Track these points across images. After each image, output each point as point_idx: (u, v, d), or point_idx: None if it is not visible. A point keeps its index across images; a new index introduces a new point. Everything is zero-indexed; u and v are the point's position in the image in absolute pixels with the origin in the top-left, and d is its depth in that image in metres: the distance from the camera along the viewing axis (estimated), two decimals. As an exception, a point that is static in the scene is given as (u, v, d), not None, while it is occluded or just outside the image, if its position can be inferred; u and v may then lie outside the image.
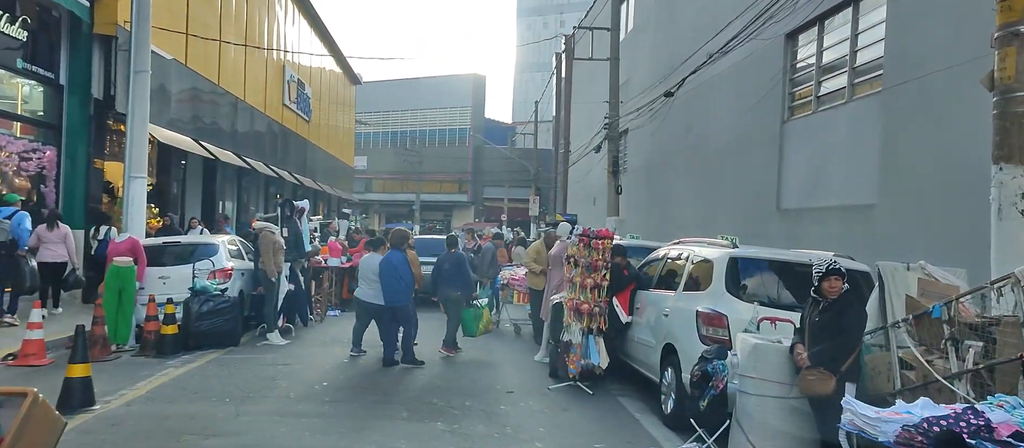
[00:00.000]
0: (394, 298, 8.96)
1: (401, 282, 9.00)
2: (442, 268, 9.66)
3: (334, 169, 38.12)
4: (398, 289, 8.98)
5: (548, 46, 75.23)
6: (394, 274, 9.01)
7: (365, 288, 9.25)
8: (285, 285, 10.57)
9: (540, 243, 10.67)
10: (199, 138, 17.83)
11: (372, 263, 9.34)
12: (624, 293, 7.86)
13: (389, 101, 58.30)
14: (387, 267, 9.02)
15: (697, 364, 5.44)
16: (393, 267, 9.03)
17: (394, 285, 8.96)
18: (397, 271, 9.03)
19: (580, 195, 32.77)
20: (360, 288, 9.40)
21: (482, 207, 57.72)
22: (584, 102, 31.84)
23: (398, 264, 9.07)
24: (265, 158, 23.73)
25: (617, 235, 10.01)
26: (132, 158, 12.67)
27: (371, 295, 9.11)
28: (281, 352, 9.47)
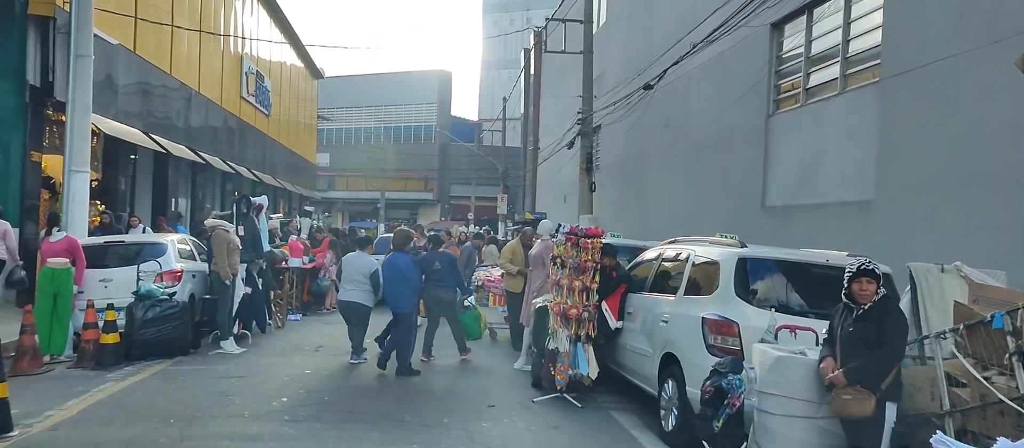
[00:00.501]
0: (399, 303, 8.41)
1: (408, 286, 8.46)
2: (432, 268, 8.94)
3: (295, 166, 36.90)
4: (404, 294, 8.43)
5: (514, 43, 74.62)
6: (400, 277, 8.44)
7: (351, 289, 8.69)
8: (241, 288, 9.72)
9: (516, 242, 10.01)
10: (149, 131, 16.72)
11: (359, 263, 8.80)
12: (614, 296, 7.24)
13: (353, 97, 57.01)
14: (392, 270, 8.48)
15: (709, 378, 4.83)
16: (400, 270, 8.45)
17: (400, 289, 8.43)
18: (405, 275, 8.44)
19: (550, 193, 32.22)
20: (344, 289, 8.80)
21: (448, 205, 56.84)
22: (554, 98, 31.30)
23: (405, 267, 8.48)
24: (222, 153, 22.60)
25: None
26: (73, 150, 11.63)
27: (359, 296, 8.62)
28: (236, 362, 8.64)
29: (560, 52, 20.43)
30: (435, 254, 9.25)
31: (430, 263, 9.04)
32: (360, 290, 8.66)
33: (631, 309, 7.10)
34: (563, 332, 7.08)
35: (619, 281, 7.31)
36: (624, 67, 19.88)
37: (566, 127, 25.18)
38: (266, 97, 28.24)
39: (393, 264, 8.56)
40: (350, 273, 8.77)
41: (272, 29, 29.39)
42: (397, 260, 8.58)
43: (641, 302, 6.92)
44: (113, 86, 15.15)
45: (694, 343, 5.49)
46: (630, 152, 20.11)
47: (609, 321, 7.15)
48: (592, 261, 7.06)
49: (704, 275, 5.89)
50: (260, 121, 27.87)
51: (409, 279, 8.52)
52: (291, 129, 35.04)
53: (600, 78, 20.51)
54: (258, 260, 10.35)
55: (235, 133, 24.50)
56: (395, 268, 8.52)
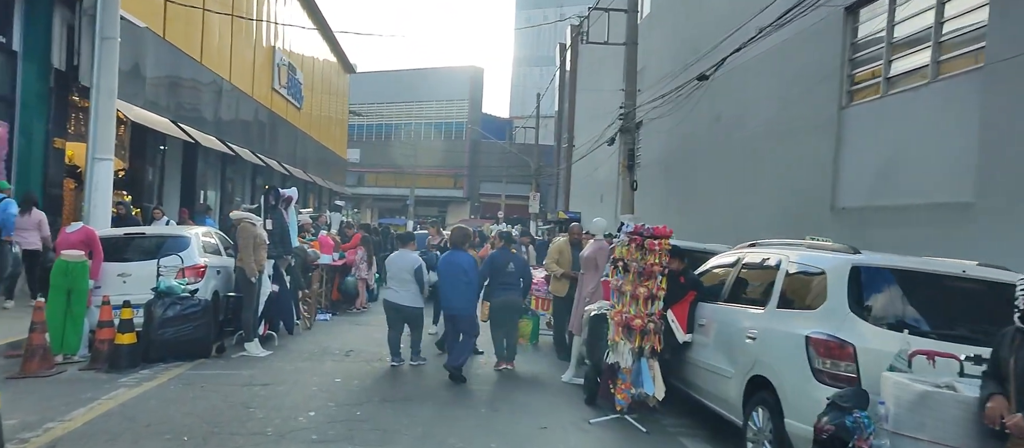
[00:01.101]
0: (460, 305, 8.02)
1: (469, 287, 8.01)
2: (504, 270, 8.30)
3: (326, 160, 36.50)
4: (465, 295, 8.01)
5: (547, 39, 73.64)
6: (463, 278, 7.97)
7: (399, 290, 8.29)
8: (267, 286, 9.03)
9: (564, 242, 9.17)
10: (178, 120, 16.23)
11: (404, 262, 8.34)
12: (681, 305, 6.37)
13: (384, 93, 56.63)
14: (452, 268, 8.03)
15: (826, 414, 3.95)
16: (461, 270, 8.00)
17: (461, 291, 7.99)
18: (467, 275, 7.99)
19: (583, 192, 31.30)
20: (392, 291, 8.37)
21: (478, 203, 56.21)
22: (591, 93, 30.38)
23: (468, 267, 8.05)
24: (252, 145, 22.13)
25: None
26: (97, 136, 11.15)
27: (409, 298, 8.26)
28: (260, 366, 7.94)
29: (602, 44, 19.52)
30: (507, 254, 8.53)
31: (502, 265, 8.35)
32: (408, 291, 8.27)
33: (703, 320, 6.23)
34: (625, 345, 6.23)
35: (688, 288, 6.44)
36: (669, 60, 18.90)
37: (603, 124, 24.25)
38: (298, 90, 27.78)
39: (452, 262, 8.08)
40: (396, 272, 8.35)
41: (305, 19, 28.92)
42: (457, 259, 8.11)
43: (717, 313, 6.03)
44: (141, 74, 14.65)
45: (794, 367, 4.61)
46: (674, 149, 19.14)
47: (676, 333, 6.28)
48: (659, 265, 6.21)
49: (804, 285, 5.00)
50: (291, 114, 27.41)
51: (470, 280, 8.01)
52: (322, 123, 34.62)
53: (642, 72, 19.53)
54: (286, 256, 9.67)
55: (266, 126, 24.03)
56: (455, 266, 8.03)
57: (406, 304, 8.26)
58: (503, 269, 8.36)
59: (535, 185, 37.94)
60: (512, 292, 8.38)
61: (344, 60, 38.82)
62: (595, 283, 7.95)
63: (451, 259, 8.18)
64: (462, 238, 8.45)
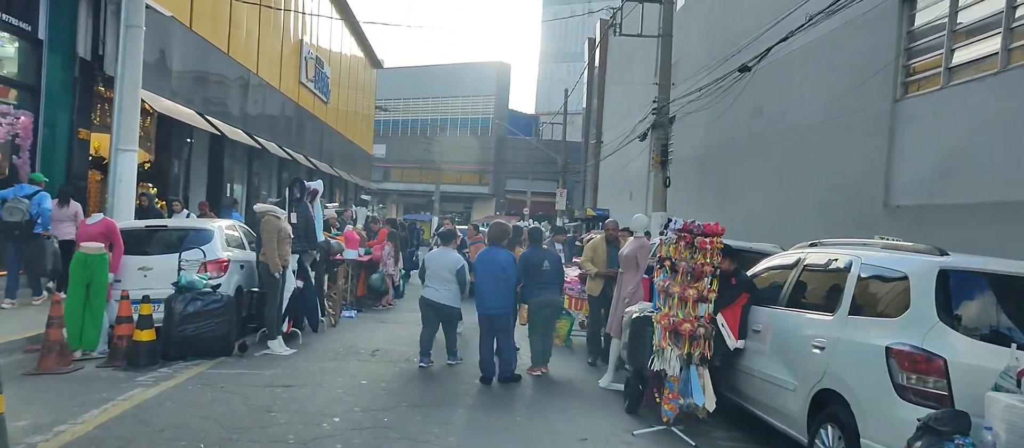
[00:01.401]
0: (498, 304, 7.62)
1: (506, 285, 7.65)
2: (540, 268, 7.85)
3: (352, 155, 36.38)
4: (501, 293, 7.63)
5: (574, 35, 73.03)
6: (501, 275, 7.60)
7: (438, 288, 7.92)
8: (292, 282, 8.71)
9: (600, 240, 8.70)
10: (205, 112, 16.05)
11: (446, 260, 7.96)
12: (733, 309, 5.88)
13: (410, 88, 56.52)
14: (490, 266, 7.65)
15: (919, 438, 3.46)
16: (499, 267, 7.62)
17: (499, 289, 7.62)
18: (506, 272, 7.63)
19: (612, 189, 30.74)
20: (429, 288, 7.98)
21: (504, 200, 55.85)
22: (621, 88, 29.80)
23: (506, 264, 7.67)
24: (279, 139, 21.97)
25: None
26: (121, 126, 10.91)
27: (448, 297, 7.90)
28: (284, 366, 7.61)
29: (635, 36, 18.94)
30: (541, 252, 8.09)
31: (537, 263, 7.89)
32: (448, 290, 7.90)
33: (758, 326, 5.73)
34: (672, 351, 5.76)
35: (740, 290, 5.94)
36: (705, 52, 18.32)
37: (634, 119, 23.69)
38: (325, 84, 27.61)
39: (490, 260, 7.69)
40: (436, 270, 7.96)
41: (332, 12, 28.75)
42: (495, 256, 7.72)
43: (775, 319, 5.54)
44: (168, 65, 14.47)
45: (873, 381, 4.11)
46: (710, 144, 18.55)
47: (727, 339, 5.80)
48: (710, 265, 5.73)
49: (882, 291, 4.49)
50: (318, 108, 27.25)
51: (508, 278, 7.64)
52: (349, 118, 34.48)
53: (676, 66, 18.94)
54: (311, 251, 9.34)
55: (293, 119, 23.87)
56: (492, 264, 7.63)
57: (445, 303, 7.88)
58: (538, 268, 7.91)
59: (562, 182, 37.45)
60: (550, 291, 7.94)
61: (371, 55, 38.66)
62: (635, 283, 7.49)
63: (489, 256, 7.77)
64: (500, 234, 8.01)
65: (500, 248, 7.89)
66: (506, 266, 7.66)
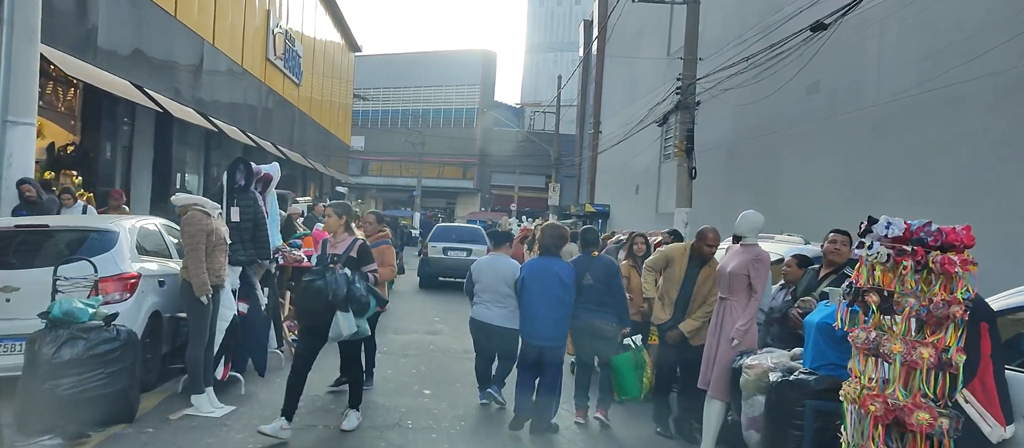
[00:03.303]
0: (552, 333, 5.74)
1: (562, 308, 5.75)
2: (582, 283, 5.95)
3: (328, 146, 33.52)
4: (555, 318, 5.73)
5: (562, 24, 70.60)
6: (559, 294, 5.71)
7: (493, 307, 6.09)
8: (230, 306, 6.03)
9: (680, 249, 6.07)
10: (144, 85, 13.23)
11: (501, 269, 6.13)
12: (983, 372, 3.35)
13: (391, 76, 53.65)
14: (546, 281, 5.73)
15: None
16: (560, 283, 5.73)
17: (549, 311, 5.70)
18: (567, 289, 5.75)
19: (613, 183, 28.27)
20: (480, 305, 6.17)
21: (489, 195, 53.27)
22: (623, 72, 27.29)
23: (567, 279, 5.76)
24: (242, 123, 19.14)
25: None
26: (12, 91, 8.19)
27: (502, 316, 6.04)
28: (213, 441, 4.96)
29: (655, 1, 16.38)
30: (590, 260, 6.17)
31: (578, 275, 5.94)
32: (505, 308, 6.05)
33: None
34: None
35: (989, 341, 3.40)
36: (736, 22, 15.89)
37: (642, 104, 21.22)
38: (297, 64, 24.78)
39: (545, 273, 5.78)
40: (490, 283, 6.13)
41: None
42: (552, 268, 5.81)
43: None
44: (93, 23, 11.67)
45: None
46: (741, 130, 16.10)
47: (982, 425, 3.28)
48: (961, 304, 3.18)
49: None
50: (289, 91, 24.41)
51: (565, 298, 5.76)
52: (324, 105, 31.63)
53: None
54: (262, 262, 6.67)
55: (259, 102, 21.03)
56: (548, 279, 5.74)
57: (503, 325, 6.03)
58: (580, 281, 5.92)
59: (554, 176, 34.93)
60: (598, 314, 5.92)
61: (349, 38, 35.80)
62: (749, 316, 4.94)
63: (543, 268, 5.84)
64: (557, 239, 5.97)
65: (556, 258, 5.90)
66: (567, 282, 5.75)
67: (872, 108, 10.67)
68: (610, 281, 6.03)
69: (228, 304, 6.03)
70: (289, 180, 27.89)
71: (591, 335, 5.99)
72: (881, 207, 10.02)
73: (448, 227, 18.92)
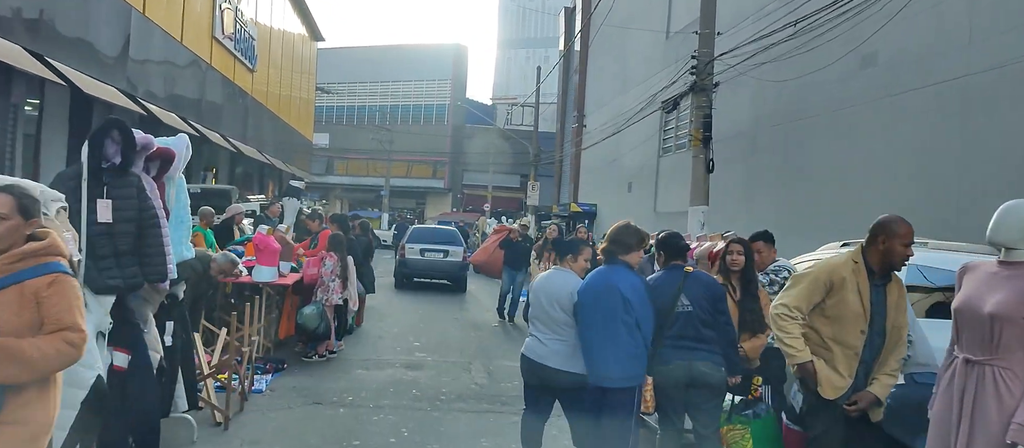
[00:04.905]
0: (618, 369, 3.89)
1: (632, 337, 3.88)
2: (674, 311, 4.01)
3: (288, 142, 30.83)
4: (630, 353, 3.90)
5: (533, 20, 68.47)
6: (626, 312, 3.90)
7: (544, 338, 4.28)
8: (90, 364, 3.62)
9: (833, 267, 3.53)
10: (47, 53, 10.64)
11: (555, 286, 4.33)
12: None
13: (357, 71, 50.92)
14: (607, 299, 3.97)
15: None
16: (626, 302, 3.92)
17: (624, 343, 3.90)
18: (634, 310, 3.91)
19: (600, 181, 26.17)
20: (532, 338, 4.40)
21: (461, 195, 50.89)
22: (611, 61, 25.21)
23: (635, 300, 3.92)
24: (183, 109, 16.50)
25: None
26: None
27: (559, 353, 4.18)
28: None
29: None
30: (683, 277, 4.12)
31: (667, 298, 4.05)
32: (563, 342, 4.22)
33: None
34: None
35: None
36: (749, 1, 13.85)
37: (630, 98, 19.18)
38: (250, 48, 22.13)
39: (605, 288, 4.01)
40: (542, 306, 4.34)
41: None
42: (615, 281, 4.00)
43: None
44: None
45: None
46: (764, 116, 14.07)
47: None
48: None
49: None
50: (242, 77, 21.75)
51: (630, 322, 3.91)
52: (283, 98, 28.92)
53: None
54: (159, 285, 4.26)
55: (203, 85, 18.36)
56: (609, 296, 3.95)
57: (562, 368, 4.18)
58: (669, 308, 4.01)
59: (533, 174, 32.70)
60: (700, 354, 3.96)
61: (311, 25, 33.09)
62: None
63: (603, 282, 4.07)
64: (628, 241, 4.13)
65: (623, 266, 4.09)
66: (637, 302, 3.93)
67: (953, 82, 8.66)
68: (715, 307, 4.01)
69: (89, 360, 3.63)
70: (244, 178, 25.21)
71: (688, 385, 3.93)
72: (975, 203, 8.04)
73: (425, 229, 18.71)
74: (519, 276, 11.19)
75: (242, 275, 7.34)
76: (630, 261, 4.04)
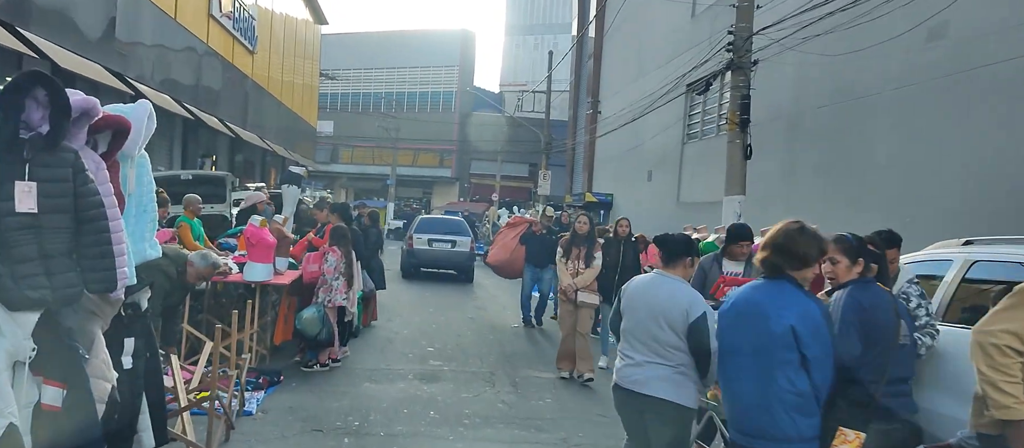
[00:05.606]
0: (764, 418, 2.69)
1: (797, 384, 2.65)
2: (893, 340, 2.84)
3: (292, 129, 29.80)
4: (791, 401, 2.64)
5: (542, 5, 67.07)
6: (788, 348, 2.67)
7: (643, 361, 3.33)
8: (3, 411, 2.61)
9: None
10: (24, 25, 9.63)
11: (660, 297, 3.36)
12: None
13: (362, 57, 49.76)
14: (768, 328, 2.70)
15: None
16: (788, 331, 2.66)
17: (779, 390, 2.67)
18: (805, 345, 2.63)
19: (616, 169, 25.04)
20: (626, 361, 3.44)
21: (468, 184, 49.80)
22: (627, 45, 24.05)
23: (808, 330, 2.64)
24: (176, 91, 15.49)
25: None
26: None
27: (665, 380, 3.25)
28: None
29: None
30: (876, 295, 2.98)
31: (883, 325, 2.90)
32: (665, 364, 3.29)
33: None
34: None
35: None
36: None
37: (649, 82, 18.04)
38: (250, 28, 21.07)
39: (767, 314, 2.75)
40: (640, 320, 3.39)
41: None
42: (782, 306, 2.74)
43: None
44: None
45: None
46: (807, 98, 12.96)
47: None
48: None
49: None
50: (241, 59, 20.71)
51: (793, 361, 2.69)
52: (286, 83, 27.86)
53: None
54: (111, 297, 3.22)
55: (200, 67, 17.32)
56: (771, 324, 2.73)
57: (665, 397, 3.27)
58: (891, 340, 2.94)
59: (545, 162, 31.60)
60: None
61: (315, 8, 31.99)
62: None
63: (765, 301, 2.82)
64: (808, 254, 2.82)
65: (790, 284, 2.82)
66: (806, 332, 2.68)
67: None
68: (888, 315, 2.98)
69: (4, 401, 2.62)
70: (245, 165, 24.21)
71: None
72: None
73: (432, 219, 18.57)
74: (545, 274, 9.99)
75: (231, 273, 6.35)
76: (803, 278, 2.82)
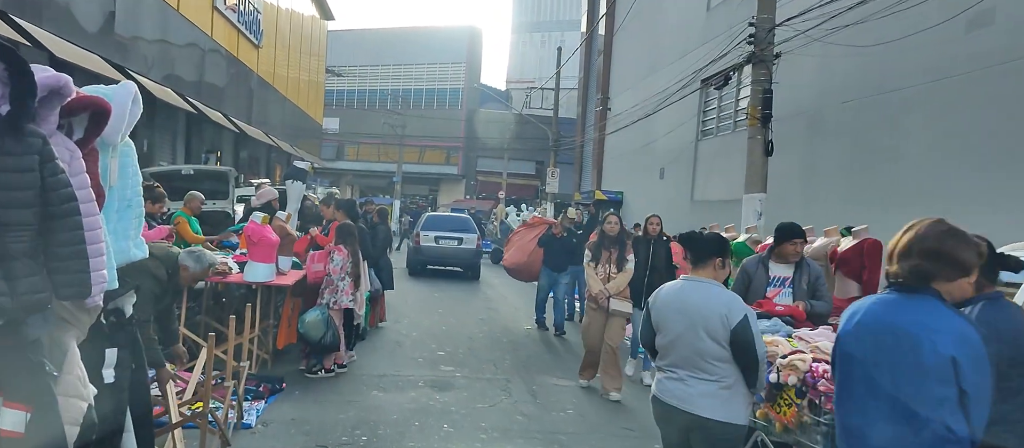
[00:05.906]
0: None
1: (950, 424, 1.96)
2: None
3: (297, 125, 29.43)
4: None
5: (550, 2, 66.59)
6: (944, 382, 1.99)
7: (685, 374, 2.97)
8: None
9: None
10: (17, 12, 9.25)
11: (698, 307, 2.97)
12: None
13: (368, 54, 49.39)
14: (914, 355, 2.03)
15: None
16: (946, 361, 1.98)
17: (929, 431, 2.00)
18: (965, 377, 1.98)
19: (626, 167, 24.60)
20: (662, 375, 3.07)
21: (475, 181, 49.41)
22: (638, 40, 23.60)
23: (968, 358, 1.98)
24: (179, 84, 15.11)
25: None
26: None
27: (710, 399, 2.92)
28: None
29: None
30: (1012, 311, 2.39)
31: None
32: (714, 381, 2.92)
33: None
34: None
35: None
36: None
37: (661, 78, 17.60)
38: (255, 22, 20.69)
39: (913, 336, 2.09)
40: (679, 333, 3.00)
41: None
42: (931, 327, 2.07)
43: None
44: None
45: None
46: (831, 92, 12.47)
47: None
48: None
49: None
50: (246, 52, 20.32)
51: (947, 398, 2.01)
52: (291, 77, 27.49)
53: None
54: (88, 304, 2.82)
55: (203, 60, 16.94)
56: (917, 350, 2.07)
57: (716, 417, 2.92)
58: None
59: (553, 160, 31.19)
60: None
61: (321, 3, 31.62)
62: None
63: (907, 320, 2.13)
64: (965, 259, 2.16)
65: (935, 299, 2.15)
66: (966, 362, 2.03)
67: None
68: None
69: None
70: (250, 162, 23.85)
71: None
72: None
73: (439, 216, 18.72)
74: (563, 277, 9.55)
75: (231, 273, 5.95)
76: (954, 292, 2.23)
